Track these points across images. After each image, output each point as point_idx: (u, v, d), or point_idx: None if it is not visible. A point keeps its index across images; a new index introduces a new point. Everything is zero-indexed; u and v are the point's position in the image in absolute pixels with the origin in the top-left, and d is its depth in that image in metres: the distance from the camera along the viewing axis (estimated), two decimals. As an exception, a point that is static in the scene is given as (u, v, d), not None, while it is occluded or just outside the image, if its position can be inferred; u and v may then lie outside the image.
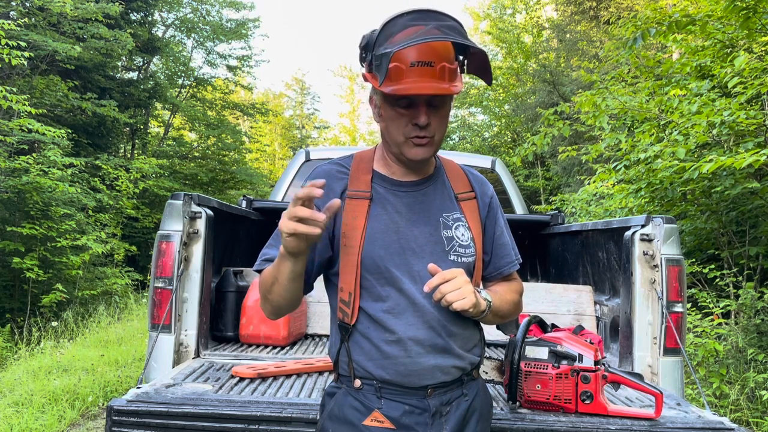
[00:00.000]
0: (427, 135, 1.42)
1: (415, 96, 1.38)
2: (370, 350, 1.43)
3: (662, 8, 7.40)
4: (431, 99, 1.40)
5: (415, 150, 1.44)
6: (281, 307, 1.45)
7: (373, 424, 1.42)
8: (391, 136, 1.46)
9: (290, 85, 36.79)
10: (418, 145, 1.43)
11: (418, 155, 1.45)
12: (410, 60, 1.35)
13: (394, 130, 1.44)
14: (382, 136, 1.52)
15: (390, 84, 1.36)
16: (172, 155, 17.93)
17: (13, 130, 8.18)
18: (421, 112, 1.39)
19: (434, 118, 1.42)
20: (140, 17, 15.55)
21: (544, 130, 6.38)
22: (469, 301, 1.34)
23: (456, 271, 1.36)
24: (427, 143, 1.44)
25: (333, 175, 1.52)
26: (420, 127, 1.40)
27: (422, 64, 1.35)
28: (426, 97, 1.38)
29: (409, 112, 1.40)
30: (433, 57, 1.36)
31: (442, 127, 1.46)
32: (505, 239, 1.62)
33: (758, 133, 5.03)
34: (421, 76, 1.35)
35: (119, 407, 1.86)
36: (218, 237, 2.92)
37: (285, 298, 1.41)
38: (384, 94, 1.39)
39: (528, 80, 17.93)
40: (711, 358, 4.81)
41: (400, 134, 1.43)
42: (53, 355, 6.11)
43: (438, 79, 1.36)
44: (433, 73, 1.36)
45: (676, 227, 2.62)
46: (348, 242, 1.44)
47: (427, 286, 1.34)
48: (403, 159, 1.48)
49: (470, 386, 1.52)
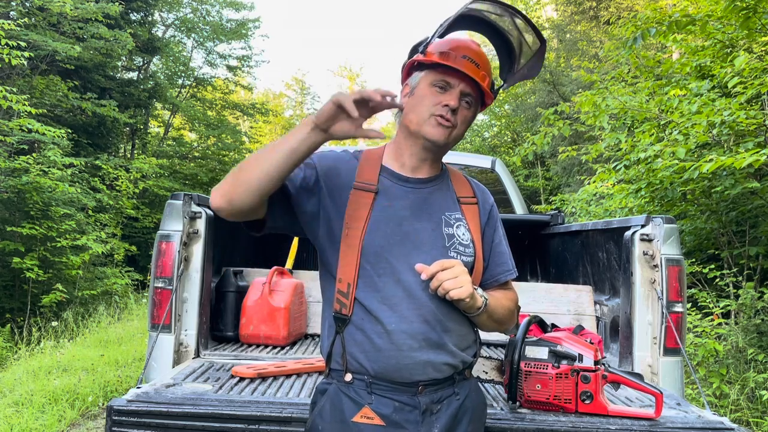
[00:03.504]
0: (451, 120, 1.49)
1: (456, 79, 1.48)
2: (363, 342, 1.43)
3: (662, 8, 7.41)
4: (466, 92, 1.50)
5: (436, 129, 1.49)
6: (245, 183, 1.34)
7: (363, 421, 1.42)
8: (418, 111, 1.50)
9: (290, 85, 36.77)
10: (441, 125, 1.48)
11: (435, 134, 1.49)
12: (462, 53, 1.50)
13: (423, 106, 1.50)
14: (401, 124, 1.56)
15: (446, 61, 1.48)
16: (172, 155, 17.93)
17: (13, 130, 8.18)
18: (454, 96, 1.48)
19: (461, 110, 1.50)
20: (140, 17, 15.55)
21: (544, 130, 6.38)
22: (466, 290, 1.35)
23: (454, 261, 1.38)
24: (448, 127, 1.49)
25: (343, 161, 1.56)
26: (449, 108, 1.47)
27: (471, 60, 1.50)
28: (463, 85, 1.49)
29: (443, 94, 1.49)
30: (480, 61, 1.52)
31: (463, 127, 1.53)
32: (503, 248, 1.64)
33: (758, 133, 5.03)
34: (469, 67, 1.49)
35: (119, 407, 1.86)
36: (218, 237, 2.91)
37: (260, 172, 1.32)
38: (427, 72, 1.51)
39: (528, 80, 17.91)
40: (711, 358, 4.81)
41: (427, 110, 1.49)
42: (53, 355, 6.11)
43: (479, 77, 1.50)
44: (476, 70, 1.50)
45: (676, 227, 2.62)
46: (350, 232, 1.45)
47: (425, 274, 1.36)
48: (420, 139, 1.52)
49: (462, 386, 1.52)
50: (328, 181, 1.50)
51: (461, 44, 1.52)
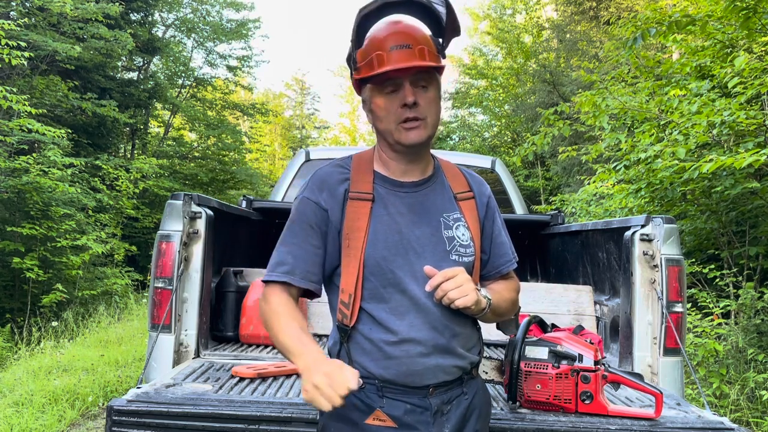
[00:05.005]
0: (419, 116, 1.45)
1: (396, 75, 1.42)
2: (372, 351, 1.43)
3: (662, 8, 7.40)
4: (416, 79, 1.44)
5: (408, 134, 1.46)
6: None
7: (376, 423, 1.42)
8: (384, 125, 1.48)
9: (290, 85, 36.80)
10: (411, 128, 1.45)
11: (411, 138, 1.46)
12: (389, 45, 1.43)
13: (385, 118, 1.47)
14: (377, 134, 1.53)
15: (375, 70, 1.43)
16: (172, 155, 17.92)
17: (13, 130, 8.17)
18: (407, 92, 1.43)
19: (422, 98, 1.45)
20: (140, 17, 15.54)
21: (544, 130, 6.37)
22: (471, 298, 1.35)
23: (457, 270, 1.38)
24: (420, 125, 1.46)
25: (335, 178, 1.53)
26: (409, 106, 1.43)
27: (401, 47, 1.43)
28: (409, 76, 1.43)
29: (397, 96, 1.44)
30: (410, 40, 1.44)
31: (433, 109, 1.48)
32: (503, 238, 1.63)
33: (758, 133, 5.02)
34: (401, 57, 1.42)
35: (119, 407, 1.86)
36: (218, 237, 2.91)
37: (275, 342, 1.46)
38: (372, 84, 1.45)
39: (528, 80, 17.93)
40: (711, 358, 4.81)
41: (392, 121, 1.46)
42: (53, 355, 6.10)
43: (418, 59, 1.42)
44: (412, 53, 1.43)
45: (676, 227, 2.62)
46: (351, 243, 1.45)
47: (429, 286, 1.36)
48: (398, 148, 1.50)
49: (470, 385, 1.53)
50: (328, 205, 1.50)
51: (383, 36, 1.45)
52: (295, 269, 1.45)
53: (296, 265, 1.46)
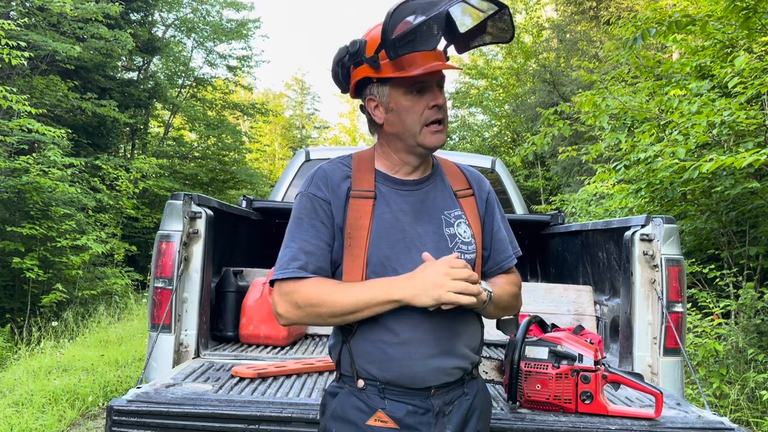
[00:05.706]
0: (443, 119, 1.48)
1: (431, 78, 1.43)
2: (373, 352, 1.43)
3: (662, 8, 7.41)
4: (440, 80, 1.47)
5: (433, 137, 1.47)
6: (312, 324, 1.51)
7: (377, 424, 1.42)
8: (407, 126, 1.46)
9: (290, 85, 36.83)
10: (437, 131, 1.47)
11: (436, 142, 1.48)
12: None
13: (410, 120, 1.46)
14: (388, 135, 1.51)
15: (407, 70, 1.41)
16: (172, 155, 17.93)
17: (13, 130, 8.18)
18: (437, 93, 1.45)
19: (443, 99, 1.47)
20: (140, 17, 15.56)
21: (544, 130, 6.38)
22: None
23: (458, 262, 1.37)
24: (443, 129, 1.48)
25: (338, 175, 1.52)
26: (439, 107, 1.45)
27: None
28: (437, 77, 1.45)
29: (424, 97, 1.45)
30: None
31: (447, 110, 1.52)
32: (503, 234, 1.63)
33: (758, 133, 5.03)
34: (432, 58, 1.42)
35: (119, 407, 1.86)
36: (218, 237, 2.91)
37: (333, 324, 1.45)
38: (396, 85, 1.44)
39: (528, 80, 17.92)
40: (711, 358, 4.81)
41: (417, 123, 1.46)
42: (53, 355, 6.11)
43: (443, 60, 1.44)
44: (438, 54, 1.45)
45: (676, 227, 2.62)
46: (353, 242, 1.44)
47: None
48: (419, 150, 1.50)
49: (471, 385, 1.53)
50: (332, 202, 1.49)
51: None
52: (308, 266, 1.44)
53: (309, 262, 1.44)
